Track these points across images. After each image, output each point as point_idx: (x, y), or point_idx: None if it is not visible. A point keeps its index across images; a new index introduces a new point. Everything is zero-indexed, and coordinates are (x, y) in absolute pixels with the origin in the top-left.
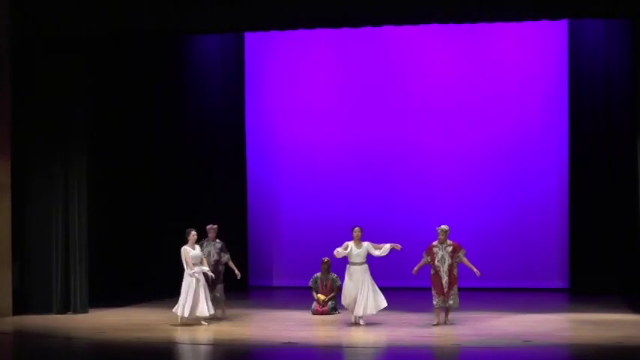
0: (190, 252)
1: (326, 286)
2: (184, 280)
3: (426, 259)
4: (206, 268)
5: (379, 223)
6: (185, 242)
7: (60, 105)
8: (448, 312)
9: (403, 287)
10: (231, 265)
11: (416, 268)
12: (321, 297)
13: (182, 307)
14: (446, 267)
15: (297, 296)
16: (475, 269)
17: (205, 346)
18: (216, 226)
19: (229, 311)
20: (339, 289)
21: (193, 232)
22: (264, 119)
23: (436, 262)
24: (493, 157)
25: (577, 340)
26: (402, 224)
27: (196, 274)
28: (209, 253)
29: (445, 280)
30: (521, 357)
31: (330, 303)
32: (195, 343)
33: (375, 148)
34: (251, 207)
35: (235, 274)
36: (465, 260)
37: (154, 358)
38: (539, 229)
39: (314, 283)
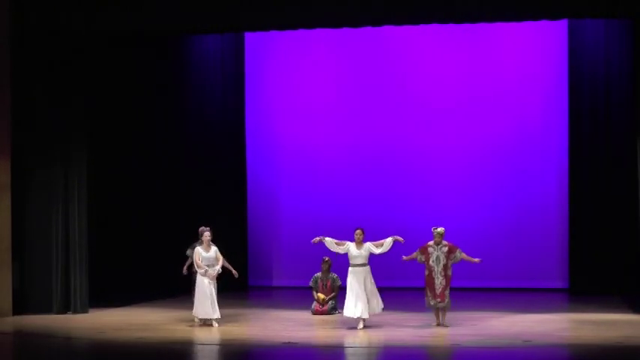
0: (202, 254)
1: (326, 285)
2: (197, 280)
3: (419, 257)
4: (218, 269)
5: (379, 223)
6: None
7: (60, 105)
8: (444, 314)
9: (403, 287)
10: (227, 265)
11: (406, 257)
12: (322, 296)
13: (194, 308)
14: (440, 267)
15: (297, 296)
16: (475, 259)
17: (205, 346)
18: (208, 228)
19: (227, 311)
20: (340, 288)
21: (207, 233)
22: (264, 119)
23: (430, 262)
24: (493, 157)
25: (577, 340)
26: (402, 224)
27: (209, 273)
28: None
29: (440, 280)
30: (521, 357)
31: (330, 303)
32: (195, 343)
33: (375, 148)
34: (251, 207)
35: (232, 274)
36: (464, 256)
37: (153, 358)
38: (539, 229)
39: (314, 283)
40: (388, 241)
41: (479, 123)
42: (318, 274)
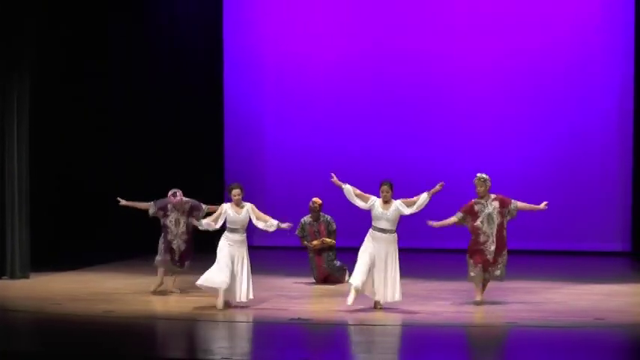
0: (229, 213)
1: (318, 231)
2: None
3: (459, 220)
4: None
5: (395, 165)
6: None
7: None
8: (486, 285)
9: (435, 249)
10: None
11: (436, 224)
12: (318, 243)
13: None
14: (495, 228)
15: (294, 258)
16: (539, 205)
17: (197, 322)
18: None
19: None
20: (336, 233)
21: (235, 190)
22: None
23: (478, 222)
24: (539, 90)
25: None
26: (424, 166)
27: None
28: (176, 221)
29: (493, 246)
30: (597, 341)
31: (328, 258)
32: (181, 320)
33: (390, 72)
34: (229, 145)
35: None
36: (524, 205)
37: (132, 338)
38: (598, 181)
39: (301, 231)
40: (423, 198)
41: (537, 46)
42: (306, 217)
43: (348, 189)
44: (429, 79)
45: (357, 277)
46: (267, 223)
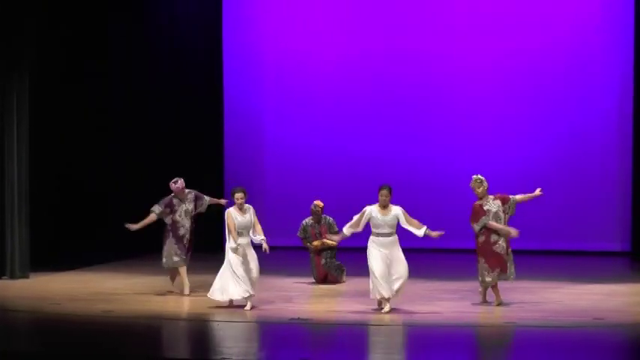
0: (237, 218)
1: (320, 233)
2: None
3: (489, 222)
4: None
5: (392, 167)
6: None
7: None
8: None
9: (433, 249)
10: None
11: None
12: (317, 243)
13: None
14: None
15: (294, 258)
16: (534, 193)
17: (197, 322)
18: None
19: (207, 278)
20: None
21: (238, 194)
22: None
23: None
24: (538, 90)
25: None
26: (422, 166)
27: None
28: (185, 212)
29: (505, 244)
30: (596, 340)
31: (327, 254)
32: (179, 320)
33: (388, 75)
34: (228, 147)
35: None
36: (522, 197)
37: (129, 337)
38: (598, 181)
39: (303, 232)
40: (419, 233)
41: (536, 44)
42: (308, 219)
43: (347, 230)
44: (429, 79)
45: (384, 289)
46: (256, 237)
